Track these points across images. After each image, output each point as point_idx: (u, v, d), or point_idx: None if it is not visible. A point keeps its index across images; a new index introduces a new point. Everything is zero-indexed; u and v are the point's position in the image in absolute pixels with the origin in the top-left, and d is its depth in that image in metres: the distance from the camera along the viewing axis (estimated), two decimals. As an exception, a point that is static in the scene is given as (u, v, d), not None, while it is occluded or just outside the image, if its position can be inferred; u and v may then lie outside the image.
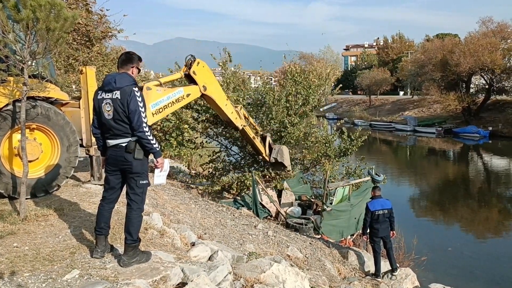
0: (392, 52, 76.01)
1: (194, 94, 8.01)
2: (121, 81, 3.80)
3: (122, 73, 3.90)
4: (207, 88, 8.13)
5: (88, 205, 5.84)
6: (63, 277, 3.57)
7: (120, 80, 3.79)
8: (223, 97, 8.88)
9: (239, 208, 10.61)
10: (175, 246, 5.21)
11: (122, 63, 3.94)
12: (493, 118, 41.39)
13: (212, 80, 8.40)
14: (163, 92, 7.16)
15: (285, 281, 4.91)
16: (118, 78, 3.81)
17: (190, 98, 7.97)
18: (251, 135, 10.15)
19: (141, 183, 3.91)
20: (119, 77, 3.82)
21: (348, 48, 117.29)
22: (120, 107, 3.75)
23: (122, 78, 3.82)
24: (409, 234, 11.44)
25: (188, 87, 7.82)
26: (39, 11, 4.39)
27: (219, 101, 8.71)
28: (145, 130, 3.76)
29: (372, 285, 7.93)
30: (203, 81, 8.07)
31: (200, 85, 7.99)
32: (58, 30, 4.55)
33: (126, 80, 3.82)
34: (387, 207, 8.55)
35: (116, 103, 3.76)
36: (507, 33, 41.91)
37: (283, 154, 10.86)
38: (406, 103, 58.14)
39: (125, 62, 3.94)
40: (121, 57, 3.98)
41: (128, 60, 3.95)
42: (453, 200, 19.85)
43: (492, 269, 11.39)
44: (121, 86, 3.77)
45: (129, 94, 3.74)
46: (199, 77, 8.00)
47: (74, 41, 13.60)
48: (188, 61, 7.92)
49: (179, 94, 7.45)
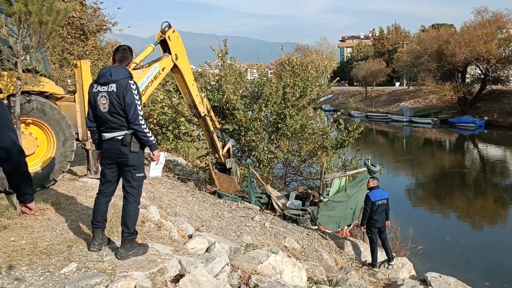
0: (388, 43, 75.82)
1: (168, 65, 8.08)
2: (117, 74, 3.79)
3: (118, 66, 3.89)
4: (178, 58, 8.21)
5: (84, 198, 5.85)
6: (61, 271, 3.58)
7: (115, 73, 3.79)
8: (191, 75, 8.95)
9: (240, 202, 10.57)
10: (172, 239, 5.23)
11: (119, 59, 3.94)
12: (488, 108, 41.49)
13: (184, 53, 8.44)
14: (142, 74, 7.23)
15: (282, 271, 4.95)
16: (113, 71, 3.80)
17: (165, 71, 8.07)
18: (211, 128, 10.19)
19: (137, 176, 3.92)
20: (115, 70, 3.81)
21: (344, 40, 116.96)
22: (116, 100, 3.74)
23: (117, 71, 3.82)
24: (405, 224, 11.51)
25: (162, 61, 7.85)
26: (31, 4, 4.36)
27: (187, 77, 8.76)
28: (141, 123, 3.76)
29: (369, 274, 8.00)
30: (176, 49, 8.12)
31: (172, 54, 8.04)
32: (51, 23, 4.53)
33: (122, 73, 3.81)
34: (385, 197, 8.63)
35: (112, 96, 3.75)
36: (502, 23, 41.88)
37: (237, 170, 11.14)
38: (402, 94, 58.17)
39: (120, 60, 3.94)
40: (117, 54, 3.95)
41: (124, 59, 3.95)
42: (449, 190, 19.97)
43: (487, 258, 11.50)
44: (116, 79, 3.76)
45: (125, 87, 3.73)
46: (173, 43, 8.04)
47: (68, 35, 13.49)
48: (164, 28, 7.93)
49: (155, 70, 7.52)
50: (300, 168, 13.98)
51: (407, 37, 74.51)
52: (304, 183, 13.91)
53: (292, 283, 4.93)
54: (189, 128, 13.05)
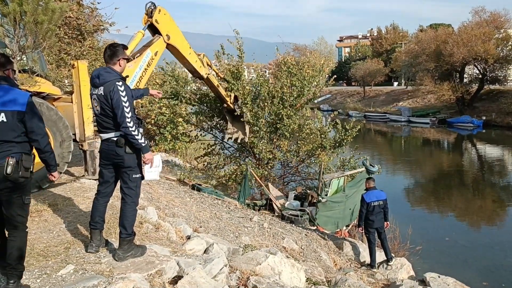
0: (386, 42, 75.91)
1: (160, 47, 7.68)
2: (105, 76, 3.78)
3: (107, 67, 3.88)
4: (170, 37, 7.82)
5: (82, 200, 5.82)
6: (58, 273, 3.56)
7: (103, 75, 3.78)
8: (187, 46, 8.57)
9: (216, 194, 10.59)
10: (170, 240, 5.21)
11: (108, 58, 3.90)
12: (486, 108, 41.56)
13: (175, 27, 8.05)
14: (134, 65, 6.91)
15: (281, 272, 4.93)
16: (102, 73, 3.80)
17: (158, 55, 7.68)
18: (215, 83, 10.03)
19: (134, 177, 3.89)
20: (103, 72, 3.81)
21: (342, 39, 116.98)
22: (105, 103, 3.75)
23: (105, 73, 3.80)
24: (404, 224, 11.51)
25: (153, 46, 7.46)
26: (25, 4, 4.33)
27: (183, 50, 8.43)
28: (129, 125, 3.71)
29: (368, 275, 7.98)
30: (166, 29, 7.71)
31: (163, 35, 7.64)
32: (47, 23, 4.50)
33: (110, 75, 3.79)
34: (382, 198, 8.60)
35: (101, 98, 3.76)
36: (500, 23, 41.94)
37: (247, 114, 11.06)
38: (400, 93, 58.22)
39: (110, 57, 3.90)
40: (107, 52, 3.92)
41: (113, 55, 3.90)
42: (447, 190, 19.98)
43: (485, 258, 11.50)
44: (104, 82, 3.75)
45: (112, 89, 3.71)
46: (162, 25, 7.62)
47: (65, 35, 13.44)
48: (149, 10, 7.46)
49: (148, 57, 7.19)
50: (298, 168, 13.96)
51: (405, 37, 74.58)
52: (302, 184, 13.89)
53: (290, 284, 4.91)
54: (187, 128, 13.01)
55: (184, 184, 11.08)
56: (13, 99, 3.17)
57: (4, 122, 3.15)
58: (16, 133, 3.19)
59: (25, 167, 3.25)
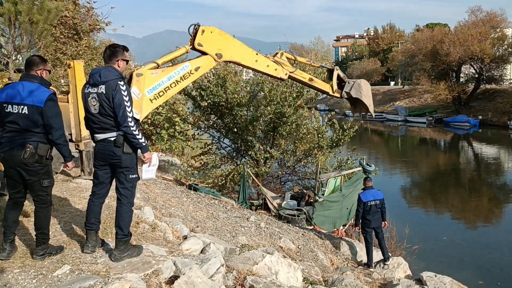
0: (383, 42, 76.07)
1: (207, 65, 6.77)
2: (106, 74, 3.75)
3: (108, 66, 3.86)
4: (223, 55, 6.80)
5: (78, 200, 5.80)
6: (54, 273, 3.54)
7: (105, 74, 3.75)
8: (249, 56, 7.34)
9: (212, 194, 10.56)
10: (167, 240, 5.20)
11: (107, 58, 3.89)
12: (482, 107, 41.75)
13: (228, 43, 6.96)
14: (161, 74, 6.15)
15: (277, 272, 4.92)
16: (103, 72, 3.77)
17: (201, 71, 6.71)
18: (305, 79, 8.32)
19: (131, 177, 3.88)
20: (104, 71, 3.78)
21: (338, 39, 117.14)
22: (105, 102, 3.71)
23: (107, 71, 3.78)
24: (400, 224, 11.53)
25: (196, 60, 6.57)
26: (20, 4, 4.31)
27: (245, 62, 7.31)
28: (130, 125, 3.71)
29: (365, 274, 7.99)
30: (215, 49, 6.75)
31: (212, 54, 6.69)
32: (42, 23, 4.48)
33: (111, 73, 3.77)
34: (379, 198, 8.59)
35: (101, 97, 3.73)
36: (496, 22, 42.15)
37: (361, 89, 8.92)
38: (397, 93, 58.37)
39: (110, 57, 3.88)
40: (106, 52, 3.91)
41: (113, 55, 3.89)
42: (444, 189, 20.03)
43: (482, 257, 11.55)
44: (106, 80, 3.72)
45: (114, 88, 3.69)
46: (208, 46, 6.67)
47: (61, 34, 13.39)
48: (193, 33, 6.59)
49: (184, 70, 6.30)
50: (295, 168, 13.97)
51: (402, 36, 74.80)
52: (299, 183, 13.89)
53: (287, 283, 4.91)
54: (184, 128, 12.99)
55: (181, 184, 11.07)
56: (36, 95, 3.68)
57: (26, 114, 3.67)
58: (35, 124, 3.69)
59: (39, 154, 3.75)
